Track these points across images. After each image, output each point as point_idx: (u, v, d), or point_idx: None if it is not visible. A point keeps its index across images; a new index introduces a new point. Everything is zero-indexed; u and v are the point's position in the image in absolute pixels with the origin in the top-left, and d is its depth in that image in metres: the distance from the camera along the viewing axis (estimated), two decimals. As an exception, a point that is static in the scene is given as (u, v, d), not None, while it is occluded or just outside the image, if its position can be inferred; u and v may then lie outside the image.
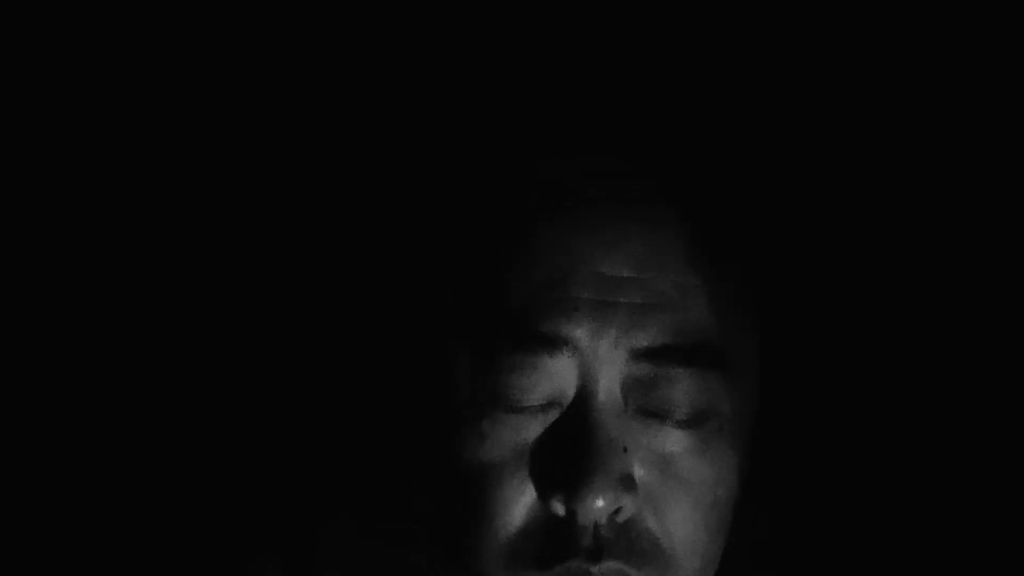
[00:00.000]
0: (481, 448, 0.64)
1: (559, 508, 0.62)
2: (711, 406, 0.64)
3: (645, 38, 0.78)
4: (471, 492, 0.64)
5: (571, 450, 0.62)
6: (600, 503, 0.61)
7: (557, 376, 0.63)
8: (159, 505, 0.80)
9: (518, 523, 0.63)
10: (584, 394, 0.63)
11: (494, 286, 0.65)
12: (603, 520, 0.62)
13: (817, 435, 0.79)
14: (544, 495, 0.63)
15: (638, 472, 0.63)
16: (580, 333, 0.62)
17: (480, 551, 0.64)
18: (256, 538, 0.76)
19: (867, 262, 0.79)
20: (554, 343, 0.62)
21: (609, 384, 0.63)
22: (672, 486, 0.64)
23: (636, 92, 0.75)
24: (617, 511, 0.62)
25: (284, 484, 0.78)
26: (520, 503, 0.63)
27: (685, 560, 0.64)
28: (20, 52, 0.83)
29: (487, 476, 0.63)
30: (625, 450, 0.62)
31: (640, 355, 0.63)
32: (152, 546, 0.79)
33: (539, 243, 0.64)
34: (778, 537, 0.75)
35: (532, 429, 0.63)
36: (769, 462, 0.72)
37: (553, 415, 0.63)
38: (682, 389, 0.63)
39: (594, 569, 0.62)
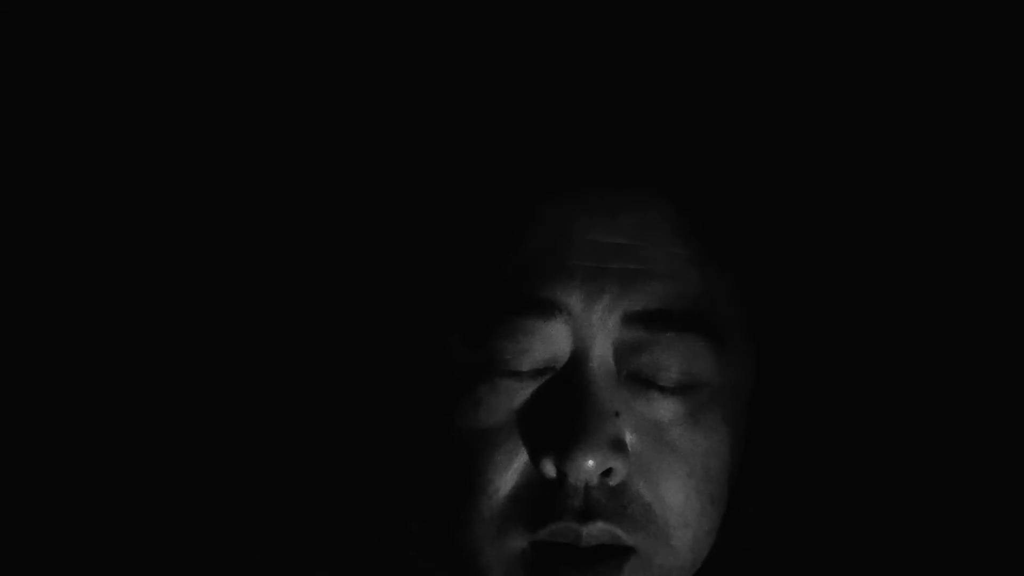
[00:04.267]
0: (476, 414, 0.64)
1: (550, 469, 0.63)
2: (702, 374, 0.65)
3: (643, 35, 0.78)
4: (464, 460, 0.65)
5: (563, 412, 0.63)
6: (590, 463, 0.62)
7: (552, 341, 0.64)
8: (154, 505, 0.80)
9: (509, 488, 0.64)
10: (578, 359, 0.64)
11: (489, 256, 0.66)
12: (594, 482, 0.63)
13: (813, 427, 0.79)
14: (535, 457, 0.63)
15: (630, 438, 0.64)
16: (574, 299, 0.64)
17: (471, 520, 0.64)
18: (250, 539, 0.76)
19: (859, 251, 0.80)
20: (549, 308, 0.64)
21: (602, 349, 0.64)
22: (664, 454, 0.64)
23: (628, 84, 0.76)
24: (608, 474, 0.63)
25: (279, 485, 0.78)
26: (511, 468, 0.64)
27: (678, 529, 0.64)
28: (20, 52, 0.83)
29: (479, 442, 0.64)
30: (617, 415, 0.63)
31: (633, 320, 0.64)
32: (146, 547, 0.79)
33: (534, 214, 0.66)
34: (774, 529, 0.74)
35: (526, 394, 0.65)
36: (766, 456, 0.72)
37: (547, 380, 0.64)
38: (673, 355, 0.64)
39: (583, 530, 0.63)
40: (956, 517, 0.77)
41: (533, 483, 0.64)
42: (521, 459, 0.64)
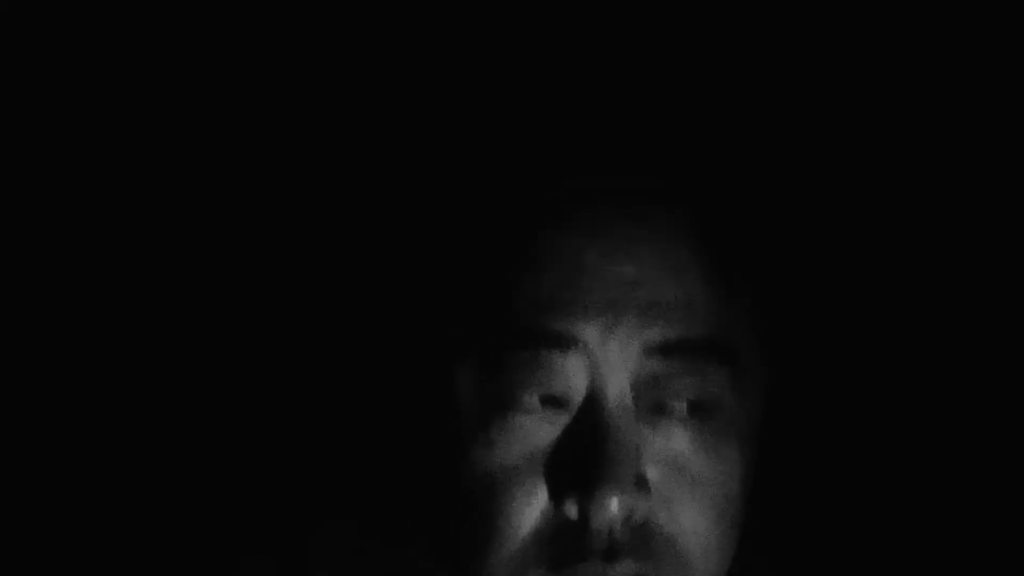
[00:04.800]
0: (490, 453, 0.63)
1: (572, 511, 0.61)
2: (719, 402, 0.64)
3: (662, 58, 0.78)
4: (481, 498, 0.63)
5: (584, 452, 0.61)
6: (615, 506, 0.60)
7: (567, 376, 0.62)
8: (154, 505, 0.80)
9: (529, 527, 0.62)
10: (595, 395, 0.62)
11: (502, 289, 0.64)
12: (617, 523, 0.61)
13: (812, 429, 0.79)
14: (557, 498, 0.62)
15: (650, 473, 0.62)
16: (590, 333, 0.62)
17: (489, 557, 0.63)
18: (250, 539, 0.76)
19: (878, 277, 0.79)
20: (564, 343, 0.62)
21: (620, 384, 0.62)
22: (683, 484, 0.63)
23: (647, 110, 0.75)
24: (631, 512, 0.61)
25: (279, 485, 0.78)
26: (531, 507, 0.63)
27: (700, 558, 0.63)
28: (21, 52, 0.83)
29: (497, 481, 0.63)
30: (637, 450, 0.62)
31: (650, 353, 0.62)
32: (146, 547, 0.79)
33: (547, 247, 0.64)
34: (774, 529, 0.74)
35: (542, 432, 0.63)
36: (766, 458, 0.72)
37: (563, 417, 0.63)
38: (691, 386, 0.63)
39: (611, 571, 0.61)
40: (955, 519, 0.77)
41: (554, 522, 0.62)
42: (541, 498, 0.62)
